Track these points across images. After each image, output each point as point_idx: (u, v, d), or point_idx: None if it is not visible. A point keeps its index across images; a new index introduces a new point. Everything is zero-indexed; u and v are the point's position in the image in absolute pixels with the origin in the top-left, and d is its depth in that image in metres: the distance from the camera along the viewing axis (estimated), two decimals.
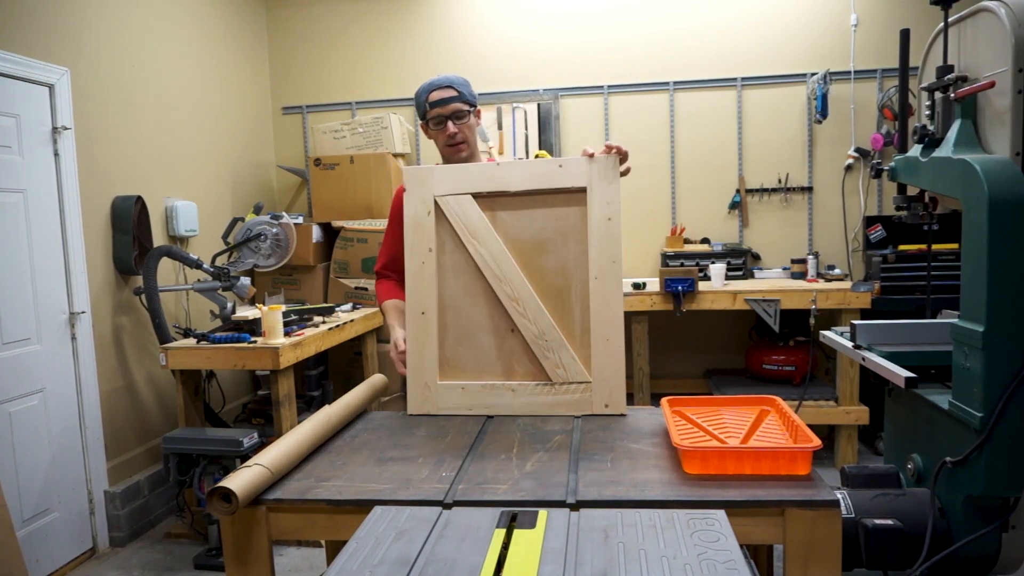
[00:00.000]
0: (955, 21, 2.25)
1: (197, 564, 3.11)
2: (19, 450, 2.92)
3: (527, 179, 1.91)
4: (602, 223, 1.87)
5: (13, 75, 2.93)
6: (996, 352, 1.86)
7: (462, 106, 2.10)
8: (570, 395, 1.90)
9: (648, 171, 4.62)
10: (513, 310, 1.92)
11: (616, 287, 1.89)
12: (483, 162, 2.16)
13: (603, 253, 1.88)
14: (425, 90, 2.12)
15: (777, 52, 4.45)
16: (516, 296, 1.92)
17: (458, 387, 1.94)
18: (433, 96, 2.10)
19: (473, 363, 1.95)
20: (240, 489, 1.37)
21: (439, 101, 2.09)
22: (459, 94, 2.10)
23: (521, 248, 1.93)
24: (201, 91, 4.24)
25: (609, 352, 1.88)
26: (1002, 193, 1.85)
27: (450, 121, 2.09)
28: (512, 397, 1.92)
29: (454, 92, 2.10)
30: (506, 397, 1.92)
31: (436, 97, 2.09)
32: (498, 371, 1.95)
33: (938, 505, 2.08)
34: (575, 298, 1.92)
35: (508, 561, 1.08)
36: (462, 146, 2.12)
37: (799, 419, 1.59)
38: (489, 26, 4.72)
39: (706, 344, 4.66)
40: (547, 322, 1.91)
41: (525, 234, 1.93)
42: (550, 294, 1.92)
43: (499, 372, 1.95)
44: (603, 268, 1.88)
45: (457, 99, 2.09)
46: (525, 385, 1.92)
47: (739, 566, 1.02)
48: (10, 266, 2.92)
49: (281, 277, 4.33)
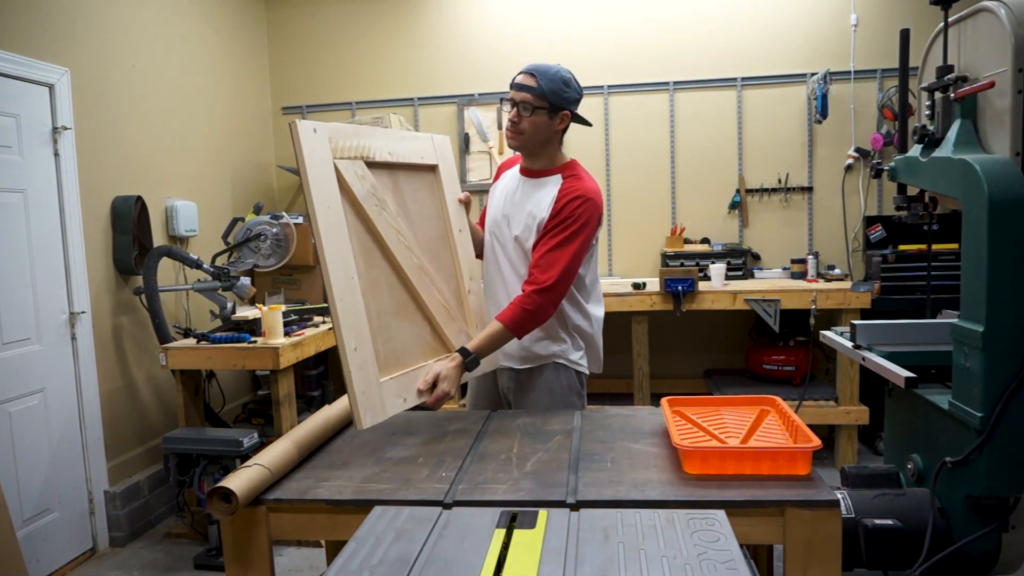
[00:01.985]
0: (955, 21, 2.25)
1: (197, 564, 3.11)
2: (19, 450, 2.92)
3: (395, 151, 1.93)
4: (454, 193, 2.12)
5: (13, 75, 2.93)
6: (996, 352, 1.86)
7: (531, 99, 1.98)
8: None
9: (648, 171, 4.62)
10: (421, 280, 1.88)
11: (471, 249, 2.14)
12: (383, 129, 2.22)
13: (457, 217, 2.11)
14: (520, 71, 2.03)
15: (777, 52, 4.45)
16: (424, 266, 1.91)
17: (394, 382, 1.77)
18: (517, 78, 2.02)
19: (401, 351, 1.83)
20: (240, 489, 1.37)
21: (516, 84, 2.02)
22: (537, 87, 1.97)
23: (409, 217, 1.93)
24: (201, 91, 4.24)
25: (479, 300, 2.12)
26: (1002, 193, 1.85)
27: (517, 107, 2.01)
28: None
29: (533, 83, 1.98)
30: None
31: (518, 79, 2.02)
32: (416, 353, 1.87)
33: (938, 505, 2.08)
34: (450, 260, 2.05)
35: (508, 561, 1.08)
36: (516, 136, 2.04)
37: (799, 419, 1.59)
38: (489, 26, 4.72)
39: (706, 344, 4.66)
40: (452, 287, 2.01)
41: (411, 204, 1.95)
42: (435, 262, 1.99)
43: (418, 354, 1.87)
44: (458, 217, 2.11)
45: (532, 91, 1.98)
46: (441, 360, 1.88)
47: (739, 566, 1.02)
48: (10, 266, 2.92)
49: (281, 277, 4.33)
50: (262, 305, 3.61)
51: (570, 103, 2.03)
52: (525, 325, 1.95)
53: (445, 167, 2.10)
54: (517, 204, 2.10)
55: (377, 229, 1.78)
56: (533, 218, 2.04)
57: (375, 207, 1.78)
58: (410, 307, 1.87)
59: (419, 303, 1.89)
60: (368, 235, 1.78)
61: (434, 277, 1.94)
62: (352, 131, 1.79)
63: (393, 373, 1.76)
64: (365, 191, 1.76)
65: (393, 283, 1.83)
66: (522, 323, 1.93)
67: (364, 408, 1.63)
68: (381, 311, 1.77)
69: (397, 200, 1.90)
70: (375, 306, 1.75)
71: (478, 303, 2.11)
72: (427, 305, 1.90)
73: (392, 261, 1.82)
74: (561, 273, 1.95)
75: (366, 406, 1.64)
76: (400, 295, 1.84)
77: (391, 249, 1.81)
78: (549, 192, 2.04)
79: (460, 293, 2.05)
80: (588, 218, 2.00)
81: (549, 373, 2.13)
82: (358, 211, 1.75)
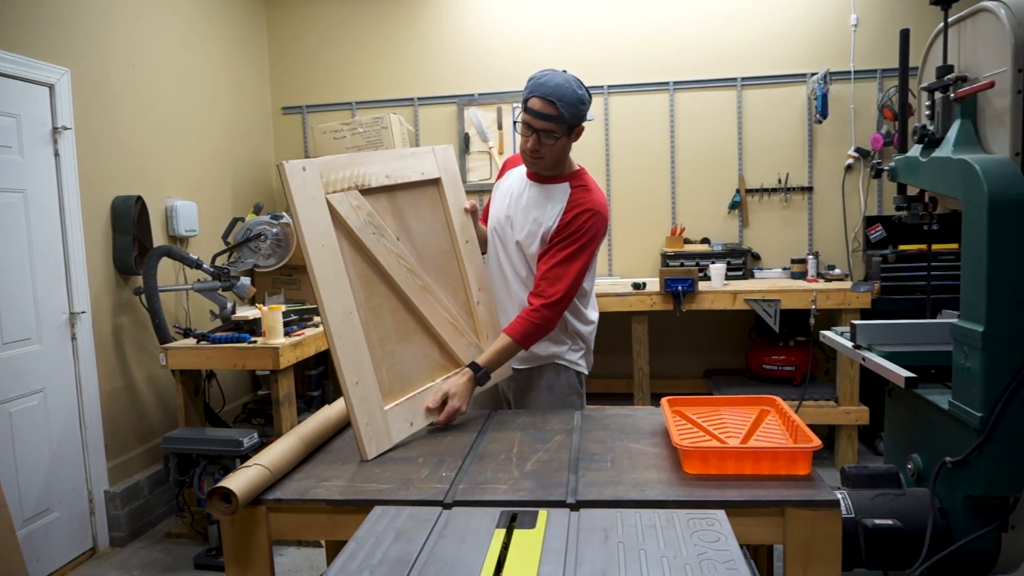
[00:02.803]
0: (955, 21, 2.25)
1: (197, 564, 3.11)
2: (19, 450, 2.92)
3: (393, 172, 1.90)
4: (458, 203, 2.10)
5: (13, 75, 2.93)
6: (996, 352, 1.86)
7: (554, 128, 1.94)
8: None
9: (648, 171, 4.62)
10: (424, 301, 1.88)
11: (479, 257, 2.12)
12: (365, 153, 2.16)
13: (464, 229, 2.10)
14: (532, 90, 1.94)
15: (777, 52, 4.45)
16: (427, 286, 1.90)
17: (400, 408, 1.77)
18: (532, 103, 1.93)
19: (407, 374, 1.84)
20: (240, 489, 1.37)
21: (534, 112, 1.93)
22: (558, 115, 1.91)
23: (412, 237, 1.93)
24: (201, 91, 4.24)
25: (490, 310, 2.10)
26: (1002, 193, 1.85)
27: (537, 135, 1.96)
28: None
29: (554, 112, 1.91)
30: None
31: (534, 106, 1.93)
32: (423, 374, 1.88)
33: (938, 505, 2.08)
34: (457, 273, 2.03)
35: (508, 561, 1.08)
36: (537, 161, 2.02)
37: (799, 419, 1.59)
38: (489, 26, 4.72)
39: (706, 344, 4.66)
40: (461, 300, 2.00)
41: (413, 223, 1.95)
42: (442, 277, 1.99)
43: (424, 375, 1.88)
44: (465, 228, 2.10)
45: (553, 119, 1.92)
46: (450, 378, 1.90)
47: (739, 566, 1.02)
48: (10, 266, 2.92)
49: (281, 277, 4.33)
50: (262, 305, 3.61)
51: (586, 117, 2.01)
52: (532, 337, 1.99)
53: (448, 178, 2.07)
54: (523, 208, 2.09)
55: (376, 257, 1.79)
56: (539, 225, 2.04)
57: (372, 235, 1.79)
58: (415, 329, 1.88)
59: (424, 324, 1.89)
60: (367, 264, 1.78)
61: (439, 295, 1.94)
62: (345, 161, 1.79)
63: (399, 398, 1.78)
64: (361, 221, 1.77)
65: (396, 308, 1.84)
66: (530, 336, 1.98)
67: (368, 439, 1.65)
68: (384, 338, 1.79)
69: (398, 221, 1.90)
70: (377, 334, 1.77)
71: (488, 314, 2.10)
72: (433, 324, 1.90)
73: (394, 286, 1.83)
74: (568, 287, 1.98)
75: (370, 436, 1.66)
76: (404, 319, 1.85)
77: (392, 275, 1.81)
78: (557, 201, 2.04)
79: (469, 305, 2.05)
80: (595, 232, 2.02)
81: (549, 373, 2.15)
82: (355, 242, 1.76)
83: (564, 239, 2.00)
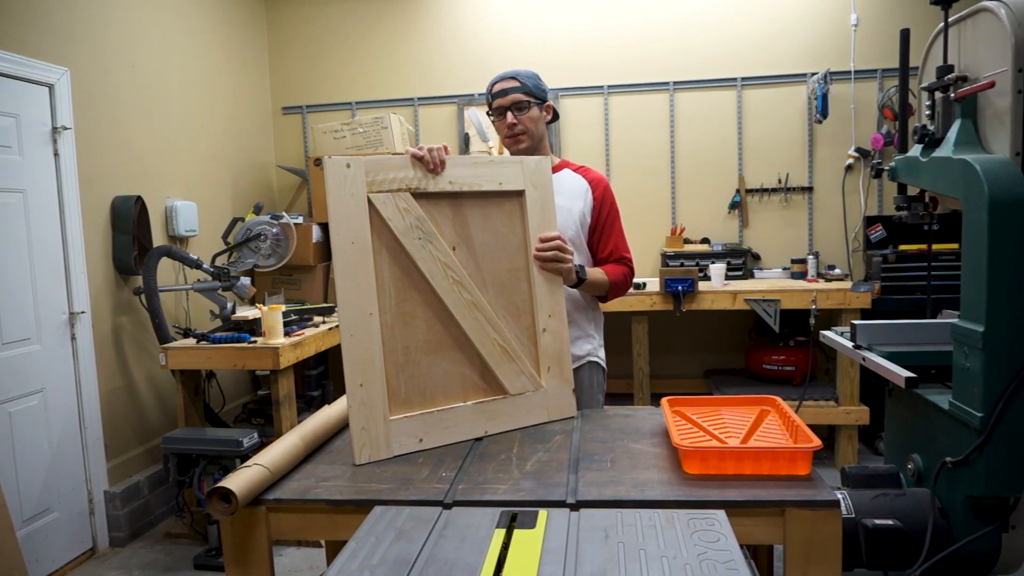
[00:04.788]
0: (955, 21, 2.25)
1: (197, 564, 3.11)
2: (19, 450, 2.92)
3: (458, 178, 1.78)
4: (544, 222, 1.88)
5: (13, 75, 2.93)
6: (996, 352, 1.86)
7: (522, 97, 2.05)
8: (523, 403, 1.81)
9: (648, 171, 4.62)
10: (469, 316, 1.75)
11: (557, 281, 1.88)
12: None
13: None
14: (491, 82, 2.11)
15: (777, 52, 4.45)
16: (477, 302, 1.77)
17: (411, 421, 1.69)
18: (496, 87, 2.08)
19: (431, 388, 1.74)
20: (240, 489, 1.37)
21: (500, 92, 2.07)
22: (521, 84, 2.06)
23: (473, 249, 1.80)
24: (201, 91, 4.24)
25: (558, 340, 1.86)
26: (1002, 193, 1.85)
27: (510, 112, 2.05)
28: (470, 418, 1.76)
29: (516, 83, 2.06)
30: (463, 419, 1.75)
31: (499, 88, 2.08)
32: (453, 393, 1.76)
33: (938, 505, 2.08)
34: (525, 295, 1.85)
35: (508, 561, 1.08)
36: (521, 137, 2.06)
37: (799, 419, 1.59)
38: (489, 26, 4.72)
39: (706, 344, 4.66)
40: (524, 324, 1.83)
41: (478, 234, 1.81)
42: (504, 296, 1.83)
43: (454, 394, 1.76)
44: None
45: (518, 90, 2.05)
46: (483, 403, 1.78)
47: (739, 566, 1.02)
48: (10, 266, 2.92)
49: (281, 277, 4.33)
50: (262, 305, 3.61)
51: (547, 93, 2.14)
52: (619, 288, 2.11)
53: (534, 193, 1.87)
54: None
55: (416, 263, 1.71)
56: (568, 211, 2.07)
57: (417, 240, 1.71)
58: (450, 344, 1.77)
59: (465, 340, 1.77)
60: (405, 269, 1.71)
61: (491, 314, 1.80)
62: (400, 163, 1.72)
63: (413, 411, 1.70)
64: (406, 224, 1.70)
65: (431, 318, 1.74)
66: (618, 285, 2.10)
67: (360, 444, 1.61)
68: (411, 346, 1.71)
69: (458, 231, 1.79)
70: (403, 341, 1.70)
71: (555, 343, 1.88)
72: (475, 343, 1.77)
73: (433, 295, 1.74)
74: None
75: (363, 442, 1.62)
76: (439, 331, 1.75)
77: (433, 283, 1.73)
78: (571, 184, 2.11)
79: (533, 331, 1.86)
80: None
81: (584, 372, 2.16)
82: (395, 245, 1.70)
83: (609, 211, 2.13)
